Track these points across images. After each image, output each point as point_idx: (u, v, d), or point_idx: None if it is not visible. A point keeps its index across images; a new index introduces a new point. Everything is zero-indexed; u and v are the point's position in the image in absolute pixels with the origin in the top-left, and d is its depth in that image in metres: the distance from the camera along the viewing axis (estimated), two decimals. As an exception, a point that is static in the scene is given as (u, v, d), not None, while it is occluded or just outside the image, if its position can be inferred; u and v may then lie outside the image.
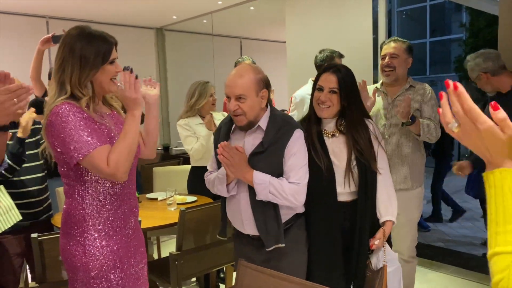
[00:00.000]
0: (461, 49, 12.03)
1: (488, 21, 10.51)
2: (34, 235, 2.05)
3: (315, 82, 1.92)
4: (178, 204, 2.87)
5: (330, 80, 1.84)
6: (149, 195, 3.27)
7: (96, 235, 1.49)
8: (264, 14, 5.73)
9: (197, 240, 2.59)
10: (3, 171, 2.28)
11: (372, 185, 1.88)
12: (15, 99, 1.28)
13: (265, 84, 1.79)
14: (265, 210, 1.78)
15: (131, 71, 1.49)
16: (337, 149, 1.87)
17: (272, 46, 7.04)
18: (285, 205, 1.76)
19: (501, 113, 0.72)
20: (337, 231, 1.85)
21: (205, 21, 5.86)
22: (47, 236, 2.08)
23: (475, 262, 3.76)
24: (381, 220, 1.91)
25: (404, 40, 2.65)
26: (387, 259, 1.85)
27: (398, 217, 2.60)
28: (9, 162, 2.30)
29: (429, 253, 3.98)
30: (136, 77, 1.49)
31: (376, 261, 1.87)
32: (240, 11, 5.38)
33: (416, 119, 2.41)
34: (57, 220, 2.58)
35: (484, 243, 4.41)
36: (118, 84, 1.49)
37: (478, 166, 2.53)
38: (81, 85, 1.47)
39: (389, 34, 3.90)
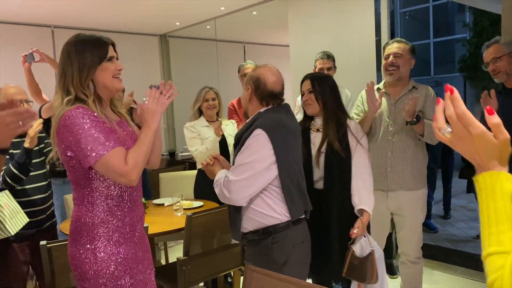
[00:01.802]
0: (465, 49, 11.96)
1: (492, 20, 10.47)
2: (42, 242, 2.07)
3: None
4: (184, 209, 2.88)
5: (306, 84, 2.25)
6: (155, 201, 3.28)
7: (106, 242, 1.49)
8: (267, 19, 5.75)
9: (204, 245, 2.59)
10: (8, 180, 2.31)
11: (340, 175, 2.12)
12: (20, 122, 1.34)
13: (252, 82, 1.92)
14: (230, 206, 1.92)
15: (158, 88, 1.54)
16: (317, 142, 2.19)
17: (275, 50, 7.06)
18: (226, 199, 1.80)
19: (496, 119, 0.74)
20: (314, 218, 2.04)
21: (208, 27, 5.89)
22: (56, 244, 2.10)
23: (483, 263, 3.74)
24: (356, 208, 2.10)
25: (407, 42, 2.67)
26: (373, 246, 2.04)
27: (403, 218, 2.62)
28: (15, 171, 2.32)
29: (437, 254, 3.97)
30: (161, 93, 1.55)
31: (360, 250, 2.04)
32: (243, 16, 5.40)
33: (420, 118, 2.42)
34: (65, 227, 2.60)
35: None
36: (144, 99, 1.53)
37: None
38: (83, 86, 1.50)
39: (392, 36, 3.89)
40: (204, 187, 3.37)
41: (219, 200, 3.18)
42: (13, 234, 2.22)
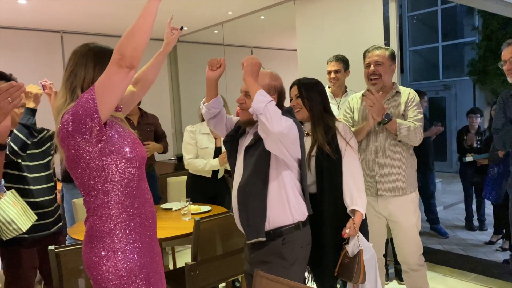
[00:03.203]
0: (474, 52, 11.87)
1: (501, 24, 10.39)
2: (51, 247, 2.07)
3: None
4: (192, 214, 2.88)
5: (293, 90, 2.28)
6: (163, 206, 3.28)
7: (121, 246, 1.48)
8: (275, 23, 5.76)
9: (212, 250, 2.58)
10: (16, 148, 2.23)
11: (331, 177, 2.13)
12: (8, 98, 1.33)
13: (277, 92, 1.99)
14: (249, 202, 1.87)
15: None
16: (308, 146, 2.20)
17: (283, 54, 7.06)
18: (265, 127, 1.72)
19: None
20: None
21: (216, 31, 5.90)
22: (64, 248, 2.10)
23: (496, 269, 3.69)
24: (349, 209, 2.11)
25: (387, 47, 2.65)
26: (363, 246, 2.06)
27: (396, 224, 2.59)
28: (20, 135, 2.23)
29: (448, 260, 3.92)
30: None
31: (352, 249, 2.07)
32: (250, 21, 5.41)
33: (391, 117, 2.41)
34: (75, 231, 2.60)
35: (502, 249, 4.32)
36: None
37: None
38: None
39: (401, 39, 3.88)
40: (194, 192, 3.38)
41: (215, 203, 3.22)
42: (24, 230, 2.22)
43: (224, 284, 2.84)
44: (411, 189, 2.57)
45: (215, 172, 3.40)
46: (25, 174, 2.42)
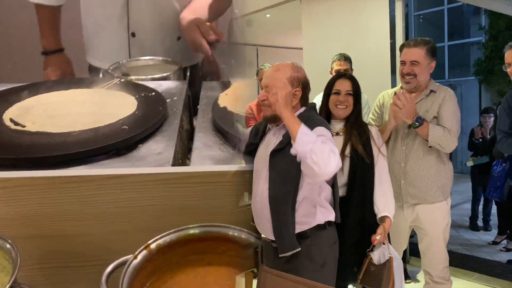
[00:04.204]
0: (481, 52, 11.79)
1: (508, 24, 10.32)
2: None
3: (330, 87, 2.15)
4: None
5: (346, 85, 2.10)
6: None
7: None
8: (281, 21, 5.75)
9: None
10: None
11: (364, 181, 2.02)
12: None
13: (301, 84, 1.84)
14: (284, 212, 1.73)
15: None
16: (338, 146, 1.99)
17: (288, 53, 7.04)
18: (312, 171, 1.55)
19: None
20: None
21: (222, 29, 5.91)
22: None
23: (500, 269, 3.69)
24: (379, 215, 2.02)
25: (427, 39, 2.39)
26: (392, 254, 1.98)
27: (421, 231, 2.45)
28: None
29: (451, 259, 3.87)
30: None
31: (378, 257, 1.98)
32: (256, 19, 5.40)
33: (423, 121, 2.24)
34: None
35: (506, 250, 4.32)
36: None
37: None
38: None
39: (407, 38, 3.87)
40: None
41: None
42: None
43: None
44: (441, 198, 2.37)
45: None
46: None
